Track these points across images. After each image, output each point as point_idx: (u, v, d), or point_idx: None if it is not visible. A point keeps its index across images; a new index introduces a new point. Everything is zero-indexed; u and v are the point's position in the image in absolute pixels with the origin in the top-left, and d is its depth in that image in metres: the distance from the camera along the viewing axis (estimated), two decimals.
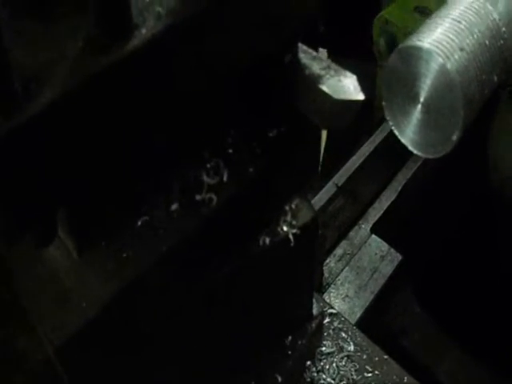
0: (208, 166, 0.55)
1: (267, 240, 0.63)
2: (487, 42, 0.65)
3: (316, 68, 0.55)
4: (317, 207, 1.17)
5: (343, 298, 1.13)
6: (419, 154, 0.63)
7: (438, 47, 0.59)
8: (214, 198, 0.54)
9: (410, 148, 0.63)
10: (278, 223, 0.65)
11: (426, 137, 0.62)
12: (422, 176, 1.27)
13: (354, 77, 0.53)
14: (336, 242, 1.18)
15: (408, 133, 0.63)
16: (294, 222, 0.65)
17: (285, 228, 0.64)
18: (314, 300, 0.79)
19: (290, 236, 0.64)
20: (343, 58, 0.86)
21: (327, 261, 1.16)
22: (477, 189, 1.37)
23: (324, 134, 2.35)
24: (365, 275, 1.14)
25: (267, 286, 0.69)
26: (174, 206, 0.53)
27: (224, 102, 0.53)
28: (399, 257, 1.16)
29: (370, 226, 1.20)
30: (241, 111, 0.56)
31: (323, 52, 2.19)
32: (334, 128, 0.66)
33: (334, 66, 0.55)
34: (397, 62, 0.61)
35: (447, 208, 1.39)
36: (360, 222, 1.21)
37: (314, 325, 0.78)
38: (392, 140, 0.69)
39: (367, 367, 0.83)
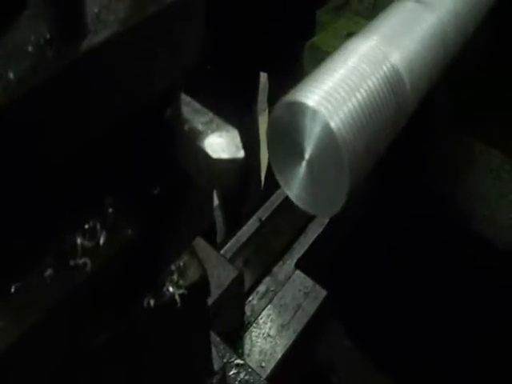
0: (86, 227, 0.52)
1: (152, 302, 0.60)
2: (382, 93, 0.62)
3: (197, 122, 0.51)
4: (239, 243, 1.14)
5: (265, 337, 1.09)
6: (309, 211, 0.60)
7: (322, 104, 0.55)
8: (89, 262, 0.50)
9: (299, 205, 0.60)
10: (163, 283, 0.61)
11: (313, 195, 0.58)
12: (349, 209, 1.25)
13: (236, 132, 0.50)
14: (259, 279, 1.15)
15: (295, 189, 0.59)
16: (180, 282, 0.61)
17: (171, 288, 0.61)
18: (215, 354, 0.75)
19: (177, 297, 0.61)
20: (284, 82, 0.83)
21: (250, 298, 1.12)
22: (405, 223, 1.36)
23: (265, 160, 2.33)
24: (287, 313, 1.11)
25: (157, 347, 0.65)
26: (48, 272, 0.50)
27: (102, 159, 0.50)
28: (324, 293, 1.13)
29: (295, 261, 1.17)
30: (122, 168, 0.53)
31: (263, 75, 2.18)
32: (218, 187, 0.62)
33: (216, 119, 0.52)
34: (282, 115, 0.57)
35: (375, 241, 1.37)
36: (285, 257, 1.18)
37: (214, 380, 0.75)
38: None
39: None
